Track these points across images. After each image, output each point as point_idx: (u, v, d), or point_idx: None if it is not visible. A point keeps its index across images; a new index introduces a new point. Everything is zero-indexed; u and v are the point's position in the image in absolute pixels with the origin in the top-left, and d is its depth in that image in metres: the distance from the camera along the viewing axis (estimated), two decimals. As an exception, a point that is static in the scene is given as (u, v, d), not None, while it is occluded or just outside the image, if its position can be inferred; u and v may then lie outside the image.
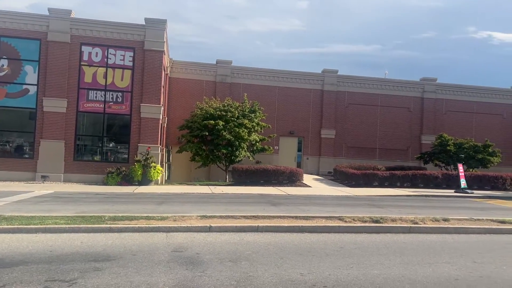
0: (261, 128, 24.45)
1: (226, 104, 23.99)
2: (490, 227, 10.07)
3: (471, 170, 25.40)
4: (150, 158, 20.71)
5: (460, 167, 21.72)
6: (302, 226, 9.44)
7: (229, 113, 23.11)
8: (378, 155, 29.94)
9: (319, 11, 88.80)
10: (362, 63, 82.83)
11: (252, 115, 24.11)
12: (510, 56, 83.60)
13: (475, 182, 22.84)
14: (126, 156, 21.82)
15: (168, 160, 27.55)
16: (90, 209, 11.80)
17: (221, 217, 10.41)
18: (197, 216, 10.43)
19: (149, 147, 21.24)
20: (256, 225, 9.33)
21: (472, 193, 20.45)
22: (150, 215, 10.52)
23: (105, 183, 20.14)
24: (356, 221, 10.20)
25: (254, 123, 23.81)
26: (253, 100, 25.21)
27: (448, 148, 25.67)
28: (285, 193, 17.98)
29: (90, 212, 10.89)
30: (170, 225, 9.20)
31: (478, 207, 15.35)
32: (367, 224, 9.88)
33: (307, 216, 10.69)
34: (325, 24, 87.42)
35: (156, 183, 21.36)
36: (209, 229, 9.12)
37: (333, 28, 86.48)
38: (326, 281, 6.02)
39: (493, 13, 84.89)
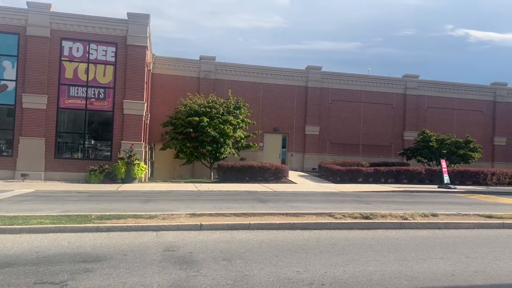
0: (246, 125, 24.31)
1: (210, 101, 23.75)
2: (478, 222, 10.18)
3: (453, 165, 25.81)
4: (134, 155, 20.35)
5: (443, 163, 22.04)
6: (293, 223, 9.36)
7: (213, 110, 22.89)
8: (362, 152, 30.16)
9: (301, 8, 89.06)
10: (343, 60, 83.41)
11: (237, 111, 23.95)
12: (485, 53, 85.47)
13: (457, 178, 23.21)
14: (109, 153, 21.40)
15: (151, 157, 27.18)
16: (75, 208, 11.49)
17: (210, 215, 10.26)
18: (186, 214, 10.25)
19: (133, 144, 20.87)
20: (248, 222, 9.21)
21: (455, 188, 20.76)
22: (137, 213, 10.29)
23: (87, 181, 19.71)
24: (346, 217, 10.18)
25: (239, 120, 23.66)
26: (238, 96, 25.05)
27: (430, 144, 26.02)
28: (271, 190, 17.91)
29: (75, 211, 10.59)
30: (160, 224, 9.01)
31: (463, 202, 15.57)
32: (357, 221, 9.86)
33: (298, 213, 10.62)
34: (306, 21, 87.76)
35: (140, 181, 21.02)
36: (200, 227, 8.96)
37: (315, 25, 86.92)
38: (324, 279, 5.94)
39: (469, 12, 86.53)
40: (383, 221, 9.83)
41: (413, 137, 29.43)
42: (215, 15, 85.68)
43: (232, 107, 23.97)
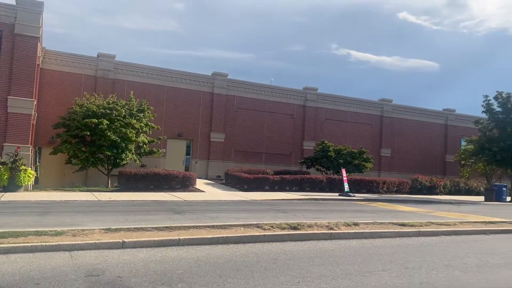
0: (149, 129, 22.97)
1: (111, 102, 21.95)
2: (399, 230, 10.61)
3: (348, 174, 27.34)
4: (20, 160, 17.81)
5: (344, 172, 23.22)
6: (227, 237, 8.71)
7: (114, 112, 21.18)
8: (264, 160, 30.54)
9: (196, 15, 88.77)
10: (237, 71, 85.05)
11: (141, 114, 22.51)
12: (364, 72, 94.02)
13: (353, 186, 24.62)
14: (-12, 157, 18.39)
15: (36, 162, 24.17)
16: (-48, 224, 9.37)
17: (129, 229, 9.10)
18: (100, 229, 8.95)
19: (19, 147, 18.26)
20: (177, 238, 8.32)
21: (354, 196, 21.95)
22: (39, 229, 8.69)
23: (-41, 189, 16.65)
24: (275, 228, 9.84)
25: (142, 124, 22.26)
26: (140, 99, 23.57)
27: (329, 154, 27.30)
28: (181, 199, 16.95)
29: (-47, 229, 8.59)
30: (73, 242, 7.66)
31: (368, 210, 16.37)
32: (288, 232, 9.58)
33: (225, 225, 9.99)
34: (201, 29, 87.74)
35: (26, 189, 18.43)
36: (122, 245, 7.83)
37: (210, 33, 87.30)
38: (282, 301, 5.44)
39: (349, 34, 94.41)
40: (314, 231, 9.69)
41: (312, 146, 30.68)
42: (105, 13, 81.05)
43: (135, 109, 22.44)
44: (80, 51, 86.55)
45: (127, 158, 21.50)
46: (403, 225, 11.41)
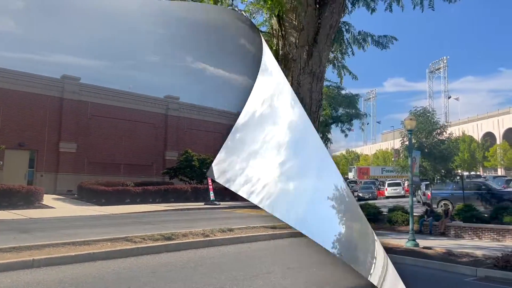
0: (-18, 138, 19.49)
1: None
2: (272, 233, 10.67)
3: (213, 182, 27.30)
4: None
5: (209, 181, 23.02)
6: (93, 253, 7.60)
7: None
8: (123, 171, 28.54)
9: (39, 16, 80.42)
10: (92, 78, 79.47)
11: (-29, 120, 18.97)
12: (220, 86, 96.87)
13: (217, 194, 24.56)
14: None
15: None
16: None
17: (-39, 254, 7.29)
18: None
19: None
20: (30, 259, 6.92)
21: (219, 204, 21.88)
22: None
23: None
24: (147, 240, 8.99)
25: (-27, 131, 18.77)
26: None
27: (193, 163, 26.87)
28: (27, 217, 14.61)
29: None
30: None
31: (236, 216, 16.43)
32: (162, 243, 8.84)
33: (88, 241, 8.72)
34: (46, 31, 79.76)
35: None
36: (-46, 274, 6.18)
37: (57, 37, 79.88)
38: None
39: (204, 47, 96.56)
40: (190, 240, 9.13)
41: (175, 156, 29.85)
42: None
43: (-37, 114, 18.83)
44: None
45: (-48, 173, 17.85)
46: (274, 227, 11.56)
